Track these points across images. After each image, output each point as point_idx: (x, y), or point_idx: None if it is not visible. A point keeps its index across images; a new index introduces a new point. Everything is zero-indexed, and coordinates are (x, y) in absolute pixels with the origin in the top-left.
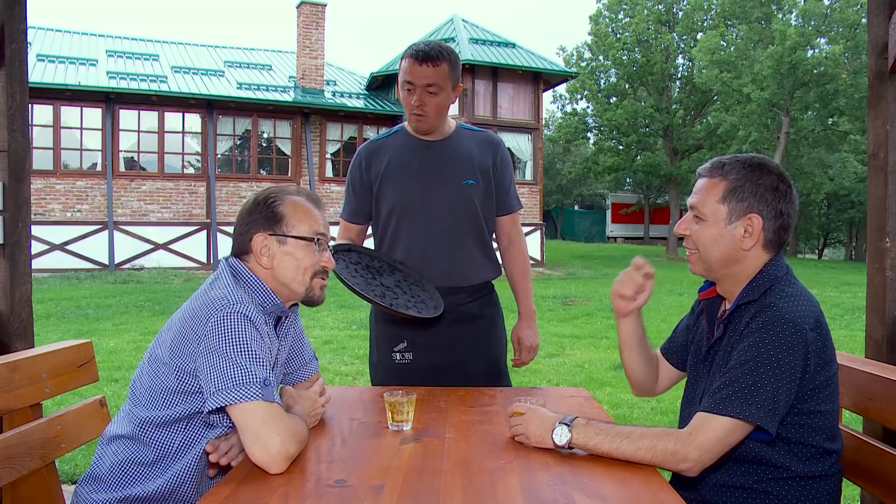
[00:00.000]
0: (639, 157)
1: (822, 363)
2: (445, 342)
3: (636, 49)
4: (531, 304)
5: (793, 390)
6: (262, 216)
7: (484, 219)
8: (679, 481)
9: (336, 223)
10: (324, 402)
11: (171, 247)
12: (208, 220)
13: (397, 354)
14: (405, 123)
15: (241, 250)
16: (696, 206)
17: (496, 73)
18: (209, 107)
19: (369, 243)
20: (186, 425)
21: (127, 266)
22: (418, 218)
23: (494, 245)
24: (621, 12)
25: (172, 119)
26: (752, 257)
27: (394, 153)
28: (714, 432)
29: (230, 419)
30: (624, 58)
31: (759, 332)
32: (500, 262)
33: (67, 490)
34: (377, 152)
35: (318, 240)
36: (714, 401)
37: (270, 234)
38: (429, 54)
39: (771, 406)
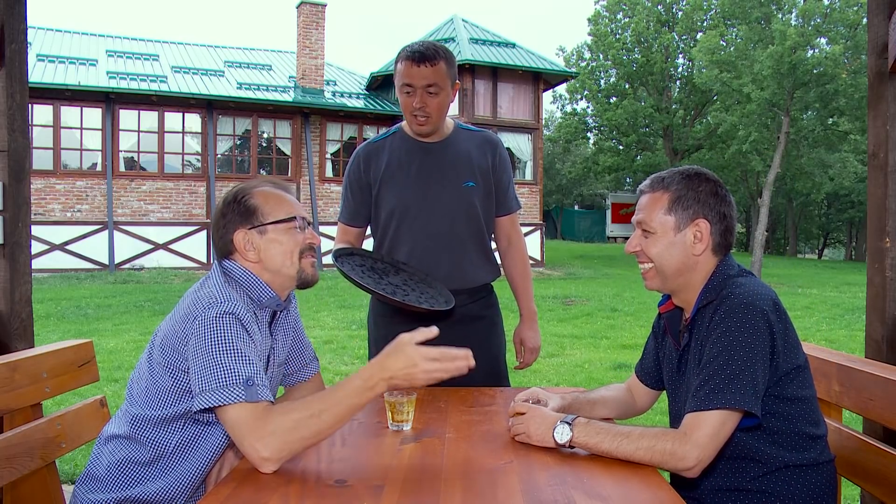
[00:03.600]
0: (639, 157)
1: (788, 347)
2: (445, 344)
3: (636, 49)
4: (532, 305)
5: (767, 369)
6: (237, 213)
7: (484, 220)
8: (678, 482)
9: (335, 223)
10: (430, 363)
11: (171, 247)
12: (208, 220)
13: None
14: (402, 124)
15: (226, 252)
16: (643, 221)
17: (496, 73)
18: (209, 107)
19: (367, 245)
20: (183, 424)
21: (127, 266)
22: (418, 221)
23: (493, 246)
24: (620, 13)
25: (172, 119)
26: (704, 262)
27: (392, 155)
28: (708, 427)
29: None
30: (624, 58)
31: (724, 322)
32: (500, 263)
33: (68, 490)
34: (375, 154)
35: (296, 218)
36: (699, 398)
37: (250, 228)
38: (425, 54)
39: (752, 389)
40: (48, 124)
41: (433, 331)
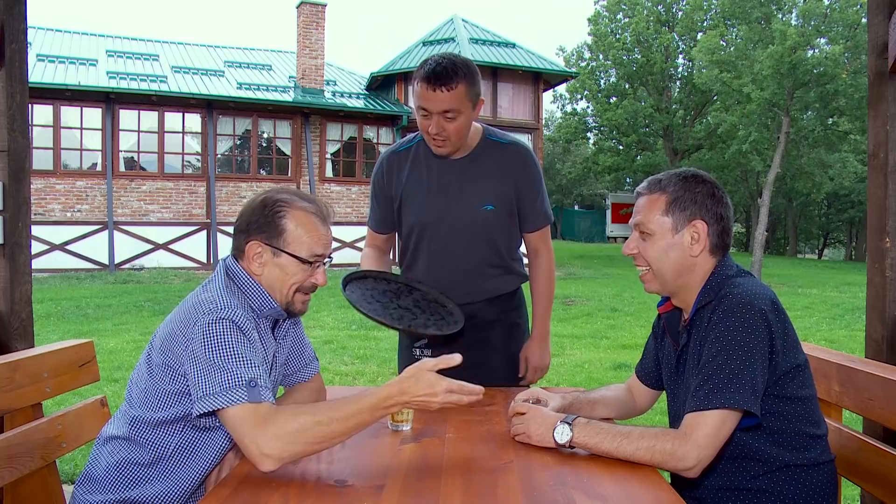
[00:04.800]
0: (639, 157)
1: (787, 346)
2: (460, 345)
3: (636, 49)
4: (546, 324)
5: (766, 369)
6: (265, 223)
7: (506, 239)
8: (678, 482)
9: (336, 223)
10: (448, 395)
11: (171, 247)
12: (208, 220)
13: (417, 350)
14: None
15: (237, 249)
16: (641, 223)
17: (496, 73)
18: (209, 107)
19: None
20: (182, 428)
21: (127, 266)
22: (435, 239)
23: (522, 250)
24: (620, 13)
25: (172, 119)
26: (702, 264)
27: (413, 168)
28: (707, 427)
29: None
30: (624, 58)
31: (722, 322)
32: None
33: (68, 490)
34: (398, 165)
35: (313, 262)
36: (698, 398)
37: (266, 244)
38: (441, 77)
39: (752, 389)
40: (48, 124)
41: (456, 359)
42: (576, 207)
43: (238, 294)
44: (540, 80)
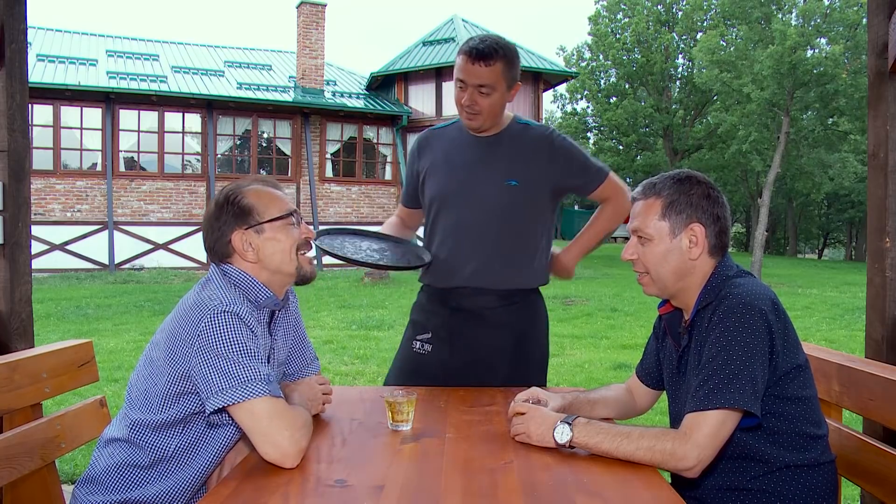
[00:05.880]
0: (639, 157)
1: (787, 346)
2: (464, 342)
3: (636, 49)
4: (589, 246)
5: (766, 369)
6: (232, 215)
7: (527, 223)
8: (678, 482)
9: (336, 223)
10: (325, 389)
11: (171, 247)
12: None
13: (418, 343)
14: None
15: (224, 255)
16: (638, 228)
17: None
18: (209, 107)
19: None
20: (183, 428)
21: (127, 266)
22: (453, 213)
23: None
24: (620, 13)
25: (172, 119)
26: (701, 265)
27: (444, 145)
28: (707, 427)
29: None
30: (624, 58)
31: (723, 323)
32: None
33: (67, 490)
34: (429, 143)
35: (292, 214)
36: (698, 398)
37: (247, 229)
38: (482, 52)
39: (752, 389)
40: (48, 124)
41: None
42: (576, 207)
43: (235, 290)
44: (540, 80)
